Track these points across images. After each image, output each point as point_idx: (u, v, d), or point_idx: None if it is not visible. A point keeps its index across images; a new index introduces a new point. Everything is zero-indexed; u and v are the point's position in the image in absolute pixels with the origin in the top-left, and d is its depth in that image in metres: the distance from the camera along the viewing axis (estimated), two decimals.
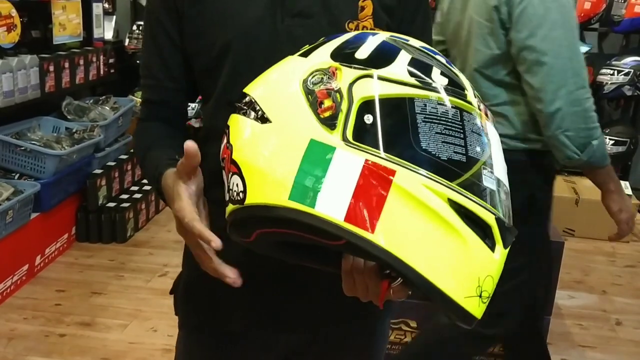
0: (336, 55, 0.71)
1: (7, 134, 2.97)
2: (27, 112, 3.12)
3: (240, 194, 0.69)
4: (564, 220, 3.74)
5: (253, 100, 0.73)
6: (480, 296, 0.64)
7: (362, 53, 0.70)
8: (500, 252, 0.66)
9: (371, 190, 0.63)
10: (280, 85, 0.73)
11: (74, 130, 3.28)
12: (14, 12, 2.86)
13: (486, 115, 0.72)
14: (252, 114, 0.72)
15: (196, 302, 1.03)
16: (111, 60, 3.92)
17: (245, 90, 0.77)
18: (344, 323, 1.00)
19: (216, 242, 0.73)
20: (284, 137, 0.68)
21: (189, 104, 1.05)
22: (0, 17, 2.77)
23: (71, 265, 3.06)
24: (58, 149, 3.01)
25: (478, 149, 0.67)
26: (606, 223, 3.91)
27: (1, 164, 2.95)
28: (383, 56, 0.70)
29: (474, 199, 0.64)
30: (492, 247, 0.65)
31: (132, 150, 3.76)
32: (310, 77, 0.70)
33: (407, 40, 0.75)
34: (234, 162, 0.71)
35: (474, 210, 0.64)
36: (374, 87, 0.67)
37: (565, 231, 3.76)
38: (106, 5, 4.17)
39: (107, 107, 3.64)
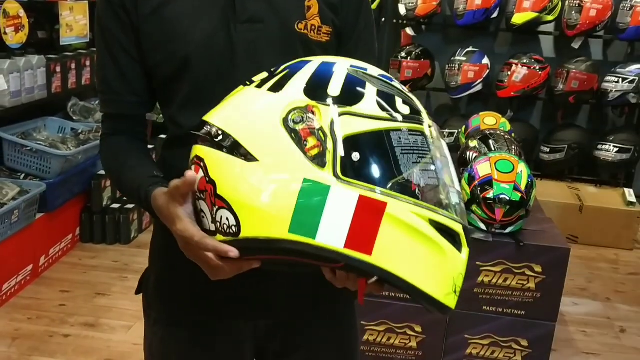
0: (309, 92, 0.76)
1: (13, 134, 2.98)
2: (33, 112, 3.13)
3: (233, 227, 0.74)
4: (568, 227, 3.73)
5: (233, 138, 0.76)
6: (455, 292, 0.75)
7: (334, 90, 0.76)
8: (466, 253, 0.77)
9: (366, 220, 0.71)
10: (258, 122, 0.76)
11: (79, 131, 3.29)
12: (22, 13, 2.87)
13: (438, 132, 0.80)
14: (232, 150, 0.75)
15: (169, 298, 1.05)
16: None
17: (208, 119, 0.80)
18: (308, 308, 1.05)
19: (234, 252, 0.77)
20: (275, 176, 0.72)
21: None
22: (9, 17, 2.78)
23: (75, 266, 3.06)
24: (64, 150, 3.01)
25: (443, 169, 0.77)
26: (609, 230, 3.94)
27: (7, 164, 2.96)
28: (352, 91, 0.76)
29: (447, 215, 0.74)
30: (460, 250, 0.76)
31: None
32: (290, 115, 0.74)
33: (366, 70, 0.81)
34: (219, 197, 0.75)
35: (448, 225, 0.74)
36: (353, 124, 0.73)
37: (569, 238, 3.75)
38: None
39: None
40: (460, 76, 3.92)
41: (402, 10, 3.99)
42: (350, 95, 0.76)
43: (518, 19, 3.83)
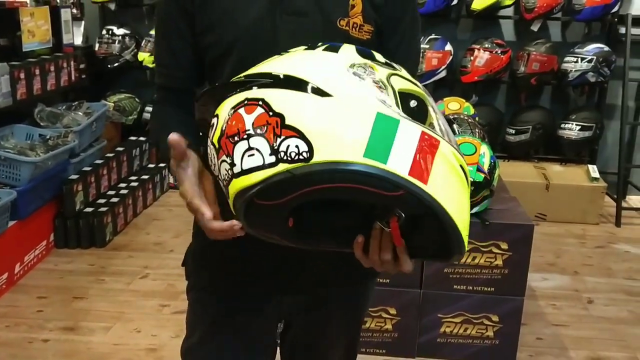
0: (362, 55, 0.88)
1: None
2: None
3: (304, 153, 0.79)
4: (536, 206, 3.83)
5: (302, 79, 0.83)
6: (467, 236, 0.83)
7: (380, 57, 0.90)
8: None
9: (425, 153, 0.80)
10: (327, 70, 0.85)
11: (47, 137, 3.27)
12: None
13: None
14: (302, 88, 0.82)
15: (204, 267, 1.15)
16: (82, 66, 3.91)
17: (257, 71, 0.86)
18: (337, 285, 1.13)
19: (208, 214, 0.85)
20: (350, 109, 0.80)
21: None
22: None
23: (51, 272, 3.06)
24: (33, 156, 3.00)
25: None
26: (575, 206, 4.05)
27: None
28: (391, 63, 0.90)
29: (463, 158, 0.86)
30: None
31: (107, 155, 3.76)
32: (353, 68, 0.84)
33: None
34: (288, 127, 0.80)
35: (466, 169, 0.85)
36: (403, 83, 0.86)
37: (537, 216, 3.86)
38: (74, 10, 4.15)
39: (80, 113, 3.64)
40: (424, 63, 3.98)
41: None
42: (391, 65, 0.89)
43: (477, 4, 3.91)
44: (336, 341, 1.22)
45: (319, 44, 0.90)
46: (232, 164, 0.83)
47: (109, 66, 4.18)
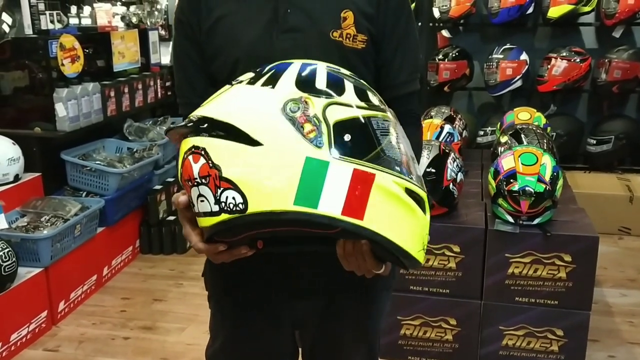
0: (300, 86, 0.89)
1: (75, 155, 3.23)
2: (92, 135, 3.39)
3: (240, 205, 0.84)
4: (619, 219, 3.67)
5: (235, 127, 0.86)
6: (424, 249, 0.89)
7: (320, 84, 0.90)
8: (428, 216, 0.90)
9: (359, 190, 0.83)
10: (259, 113, 0.87)
11: (134, 150, 3.52)
12: (77, 45, 3.13)
13: (395, 117, 0.93)
14: (236, 138, 0.86)
15: (220, 276, 1.21)
16: (168, 83, 4.17)
17: (204, 114, 0.91)
18: (350, 291, 1.16)
19: (195, 239, 0.95)
20: (280, 157, 0.83)
21: None
22: (65, 49, 3.04)
23: (135, 275, 3.29)
24: (120, 168, 3.25)
25: (408, 149, 0.90)
26: None
27: (71, 183, 3.21)
28: (335, 86, 0.90)
29: (415, 184, 0.88)
30: (425, 213, 0.89)
31: None
32: (287, 105, 0.87)
33: (339, 69, 0.94)
34: (225, 180, 0.85)
35: (418, 192, 0.88)
36: (340, 112, 0.87)
37: (621, 230, 3.69)
38: (162, 32, 4.44)
39: (165, 127, 3.88)
40: (498, 74, 3.94)
41: (436, 13, 4.06)
42: (334, 88, 0.89)
43: (554, 12, 3.82)
44: (355, 347, 1.25)
45: (266, 69, 0.93)
46: (192, 204, 0.91)
47: None
